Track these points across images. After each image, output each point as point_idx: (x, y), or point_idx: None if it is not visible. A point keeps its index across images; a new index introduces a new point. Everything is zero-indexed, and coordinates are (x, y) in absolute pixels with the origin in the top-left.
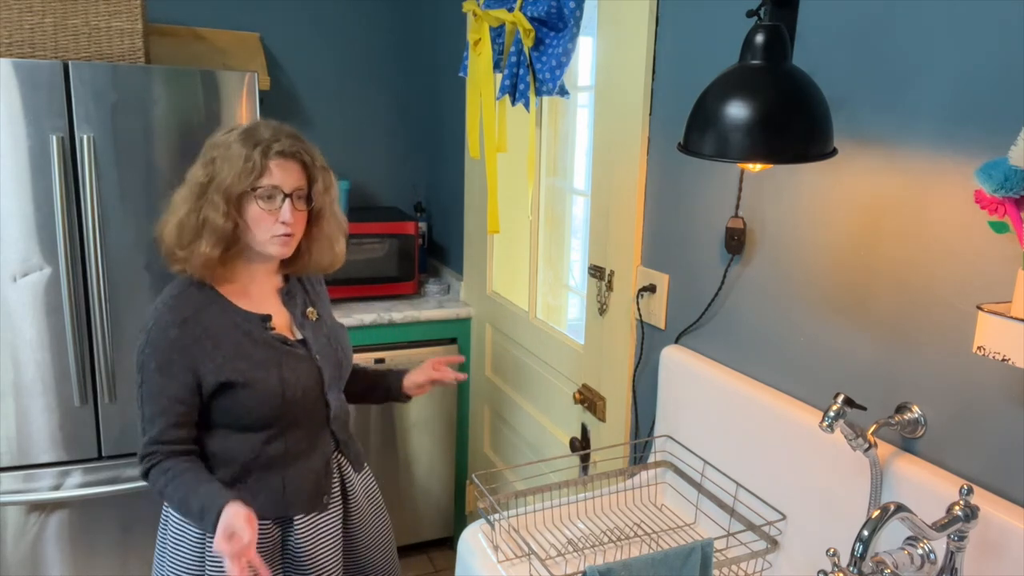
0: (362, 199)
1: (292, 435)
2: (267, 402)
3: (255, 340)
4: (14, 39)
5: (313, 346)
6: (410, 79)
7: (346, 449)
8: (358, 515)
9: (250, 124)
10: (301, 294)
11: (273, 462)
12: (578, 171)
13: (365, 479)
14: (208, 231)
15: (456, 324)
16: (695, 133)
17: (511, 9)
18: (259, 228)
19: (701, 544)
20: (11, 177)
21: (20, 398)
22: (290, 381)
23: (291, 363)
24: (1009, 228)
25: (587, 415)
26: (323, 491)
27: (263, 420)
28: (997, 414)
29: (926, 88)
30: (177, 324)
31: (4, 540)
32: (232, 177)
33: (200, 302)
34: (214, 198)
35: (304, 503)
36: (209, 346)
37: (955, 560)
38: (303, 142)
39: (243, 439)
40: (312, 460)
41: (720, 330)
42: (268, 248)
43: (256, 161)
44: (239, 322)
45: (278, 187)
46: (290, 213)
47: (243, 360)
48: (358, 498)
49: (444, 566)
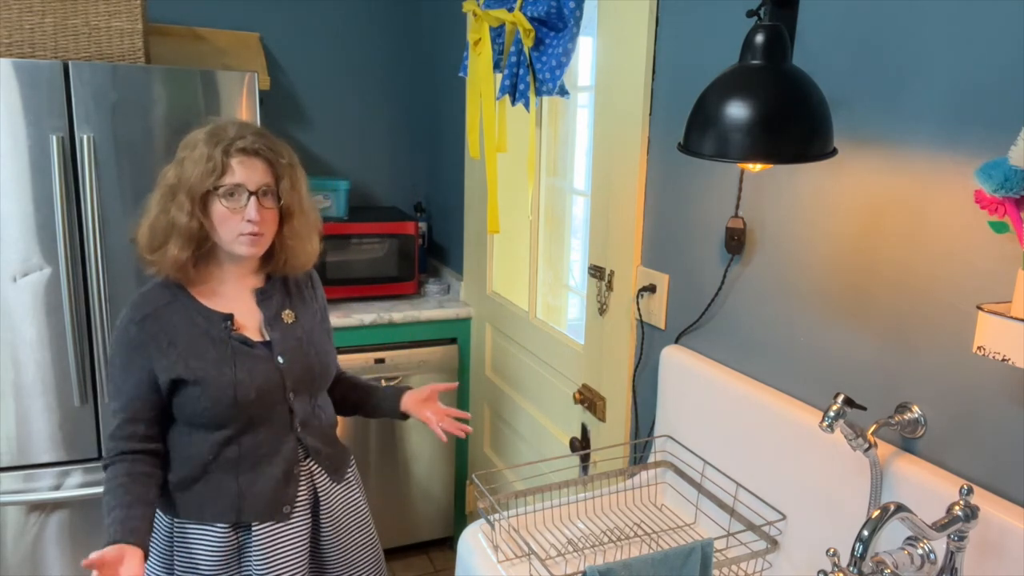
0: (362, 199)
1: (249, 439)
2: (219, 401)
3: (212, 339)
4: (14, 39)
5: (277, 348)
6: (410, 79)
7: (320, 457)
8: (333, 528)
9: (217, 122)
10: (281, 295)
11: (230, 465)
12: (578, 171)
13: (346, 490)
14: (176, 233)
15: (456, 324)
16: (695, 133)
17: (511, 9)
18: (224, 227)
19: (701, 544)
20: (11, 177)
21: (20, 398)
22: (243, 382)
23: (247, 364)
24: (1009, 228)
25: (587, 415)
26: (284, 500)
27: (217, 420)
28: (997, 414)
29: (926, 88)
30: (136, 321)
31: (4, 540)
32: (196, 177)
33: (163, 300)
34: (180, 198)
35: (261, 511)
36: (164, 343)
37: (955, 560)
38: (268, 139)
39: (201, 438)
40: (272, 467)
41: (720, 330)
42: (235, 248)
43: (217, 160)
44: (199, 321)
45: (241, 185)
46: (255, 211)
47: (197, 359)
48: (333, 510)
49: (444, 566)
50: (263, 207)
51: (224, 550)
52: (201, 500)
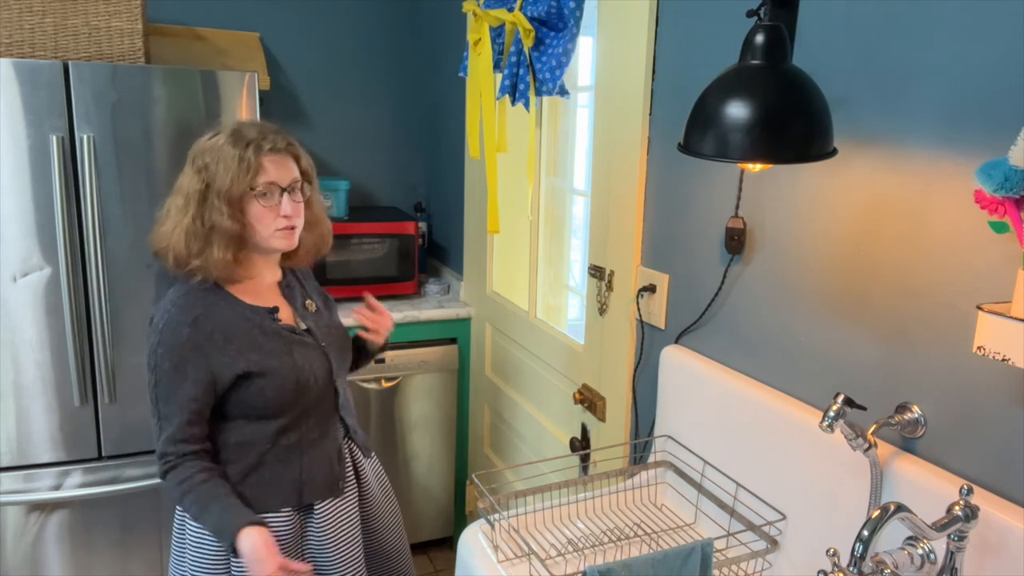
0: (362, 199)
1: (305, 423)
2: (283, 389)
3: (266, 331)
4: (14, 39)
5: (318, 334)
6: (410, 79)
7: (355, 435)
8: (371, 499)
9: (234, 126)
10: (298, 287)
11: (289, 451)
12: (578, 171)
13: (374, 464)
14: (217, 236)
15: (456, 324)
16: (695, 133)
17: (511, 9)
18: (262, 225)
19: (701, 544)
20: (11, 177)
21: (20, 398)
22: (304, 368)
23: (302, 351)
24: (1009, 228)
25: (587, 415)
26: (338, 476)
27: (279, 408)
28: (997, 414)
29: (926, 88)
30: (188, 323)
31: (4, 540)
32: (230, 180)
33: (208, 300)
34: (215, 203)
35: (322, 489)
36: (221, 341)
37: (955, 560)
38: (289, 136)
39: (258, 429)
40: (325, 447)
41: (720, 330)
42: (273, 243)
43: (251, 160)
44: (248, 316)
45: (274, 183)
46: (290, 206)
47: (256, 351)
48: (370, 482)
49: (444, 566)
50: (294, 201)
51: (290, 533)
52: (262, 489)
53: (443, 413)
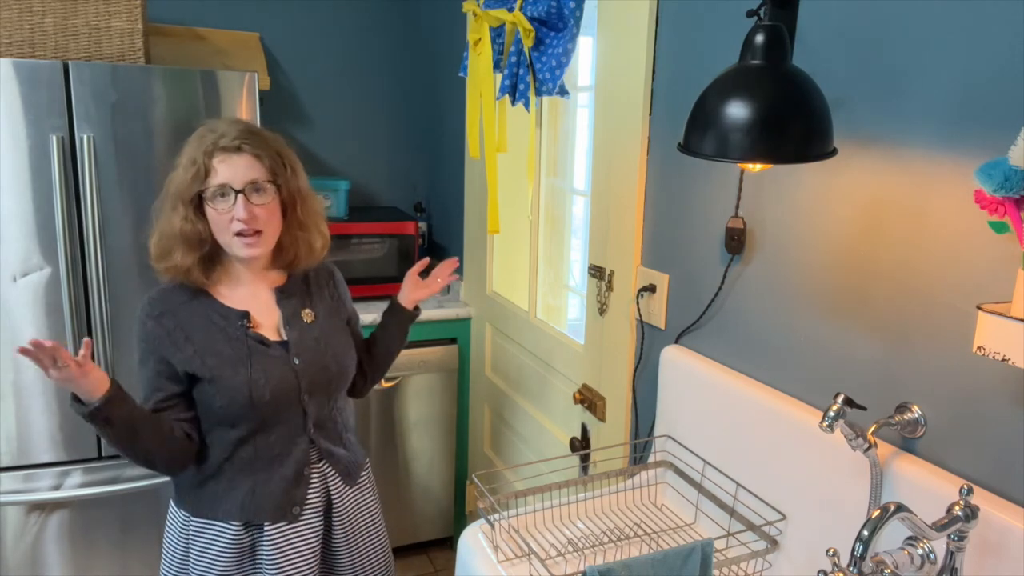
0: (362, 199)
1: (263, 439)
2: (234, 400)
3: (228, 337)
4: (14, 39)
5: (294, 348)
6: (410, 79)
7: (333, 460)
8: (344, 531)
9: (208, 124)
10: (301, 294)
11: (244, 464)
12: (578, 171)
13: (359, 494)
14: (180, 241)
15: (456, 324)
16: (695, 133)
17: (511, 9)
18: (219, 230)
19: (701, 544)
20: (11, 177)
21: (20, 398)
22: (258, 382)
23: (262, 363)
24: (1009, 228)
25: (587, 415)
26: (293, 501)
27: (231, 419)
28: (997, 414)
29: (926, 88)
30: (153, 317)
31: (4, 540)
32: (185, 182)
33: (181, 298)
34: (178, 205)
35: (272, 511)
36: (181, 339)
37: (955, 560)
38: (254, 133)
39: (220, 435)
40: (283, 468)
41: (720, 330)
42: (233, 250)
43: (200, 162)
44: (216, 319)
45: (226, 184)
46: (244, 209)
47: (214, 356)
48: (346, 513)
49: (444, 566)
50: (254, 204)
51: (237, 548)
52: (215, 498)
53: (443, 413)
